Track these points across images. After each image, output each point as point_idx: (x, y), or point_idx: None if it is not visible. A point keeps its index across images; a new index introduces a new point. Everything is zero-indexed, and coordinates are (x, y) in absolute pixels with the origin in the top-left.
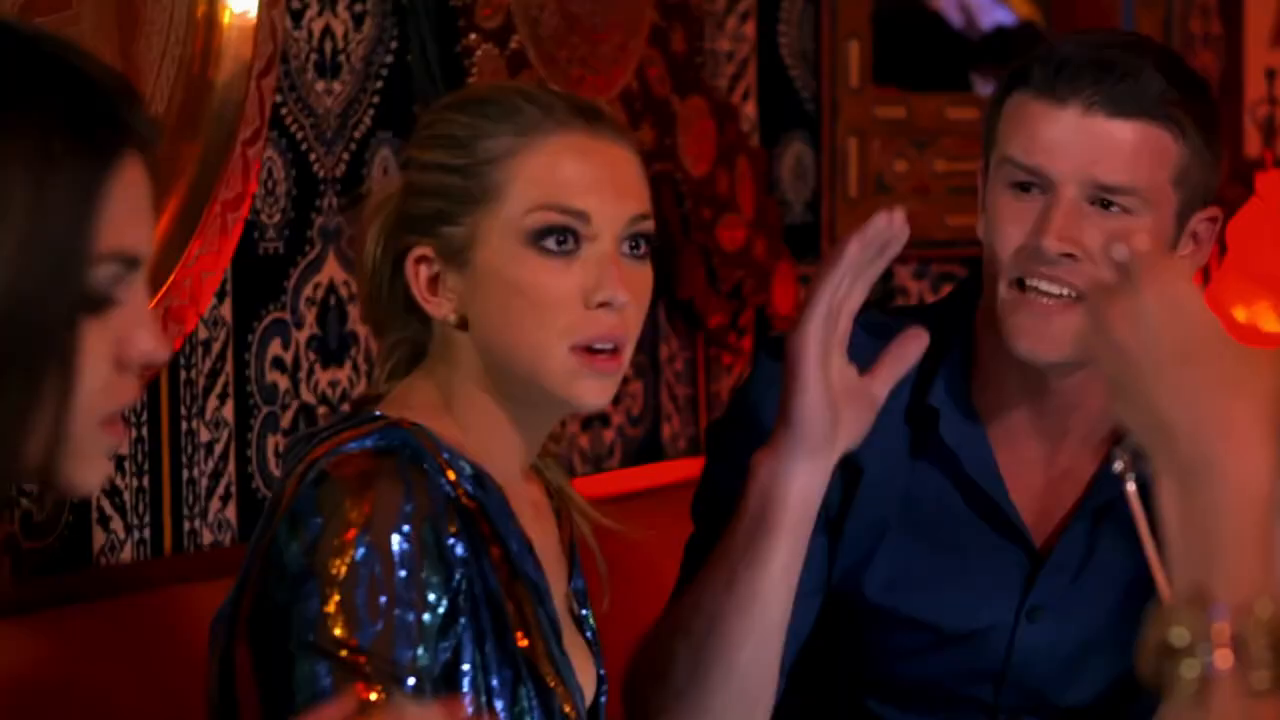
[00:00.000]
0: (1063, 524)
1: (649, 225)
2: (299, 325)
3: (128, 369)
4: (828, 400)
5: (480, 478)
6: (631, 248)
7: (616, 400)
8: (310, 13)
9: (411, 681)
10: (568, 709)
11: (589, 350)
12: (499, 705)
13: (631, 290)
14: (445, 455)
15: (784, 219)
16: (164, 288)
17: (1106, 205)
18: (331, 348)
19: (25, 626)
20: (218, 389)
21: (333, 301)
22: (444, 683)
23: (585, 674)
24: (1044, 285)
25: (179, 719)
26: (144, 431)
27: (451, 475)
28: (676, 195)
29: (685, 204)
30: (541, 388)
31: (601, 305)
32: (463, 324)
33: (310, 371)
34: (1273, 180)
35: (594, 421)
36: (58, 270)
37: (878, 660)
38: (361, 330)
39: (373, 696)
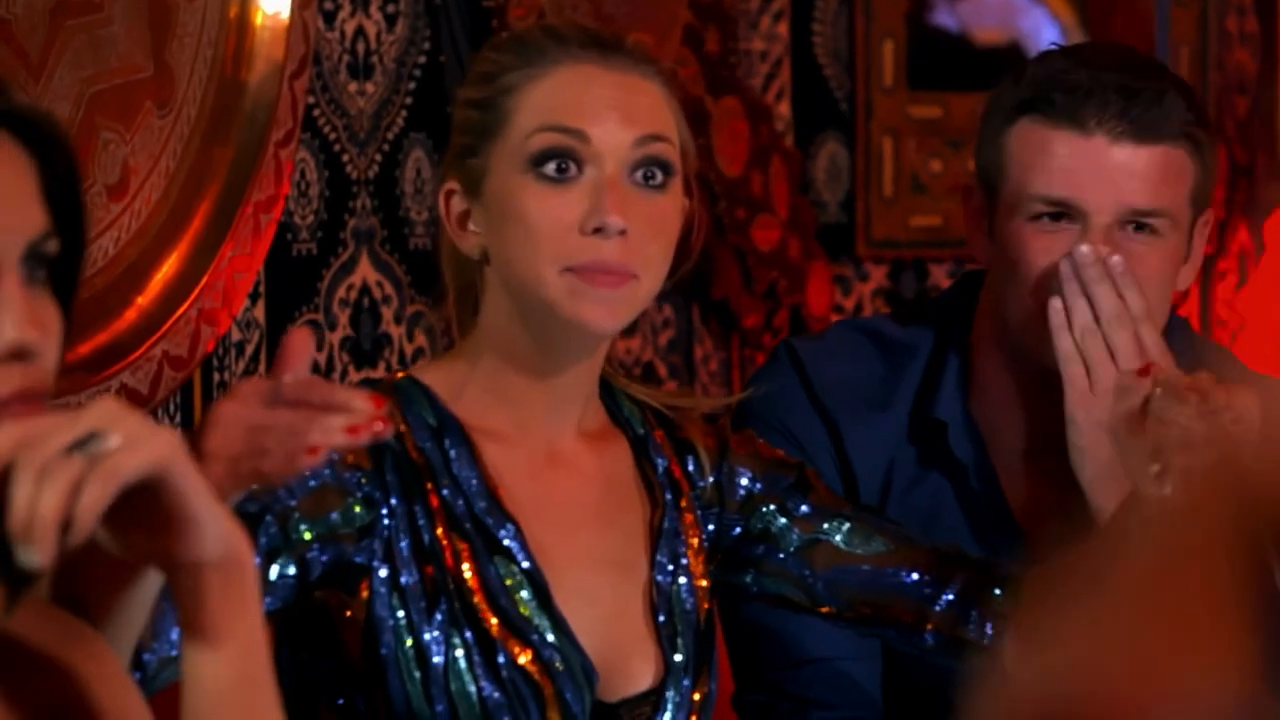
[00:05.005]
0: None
1: (659, 149)
2: (332, 327)
3: None
4: None
5: (444, 430)
6: (646, 177)
7: None
8: (343, 14)
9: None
10: (522, 659)
11: (586, 270)
12: (427, 633)
13: (637, 219)
14: (406, 409)
15: (818, 219)
16: (197, 290)
17: (1139, 228)
18: (365, 349)
19: None
20: None
21: (366, 303)
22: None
23: (632, 652)
24: None
25: None
26: None
27: (402, 428)
28: (710, 196)
29: (719, 205)
30: (549, 314)
31: (596, 231)
32: (487, 258)
33: (344, 373)
34: None
35: None
36: None
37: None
38: (395, 331)
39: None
